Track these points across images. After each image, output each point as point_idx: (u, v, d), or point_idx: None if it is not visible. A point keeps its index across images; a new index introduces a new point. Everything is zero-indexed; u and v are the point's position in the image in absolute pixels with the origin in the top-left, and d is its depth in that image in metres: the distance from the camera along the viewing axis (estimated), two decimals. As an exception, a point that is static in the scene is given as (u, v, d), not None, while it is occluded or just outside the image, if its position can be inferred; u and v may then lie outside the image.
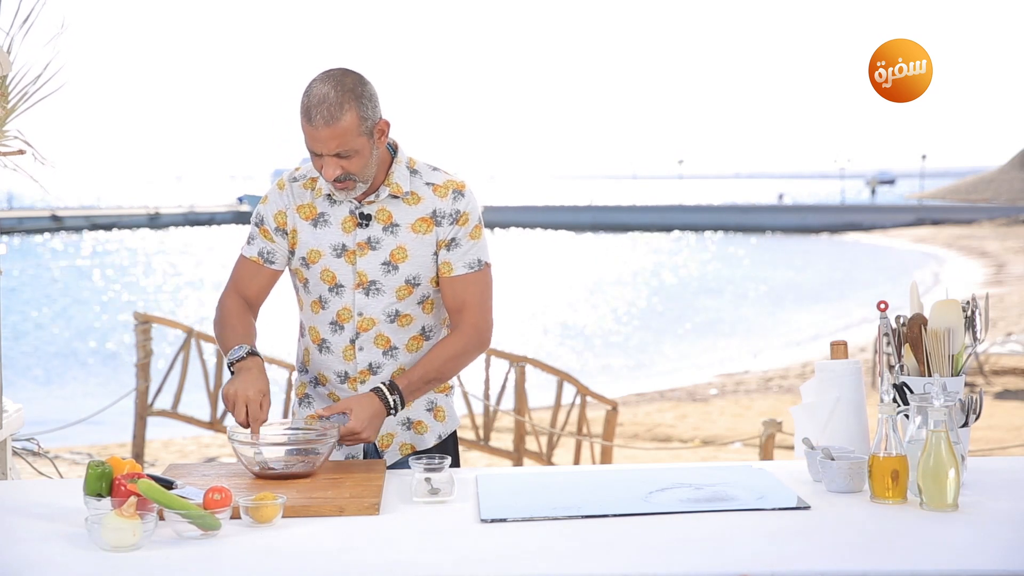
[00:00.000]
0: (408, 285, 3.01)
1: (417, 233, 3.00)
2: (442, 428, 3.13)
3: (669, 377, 18.63)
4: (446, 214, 3.00)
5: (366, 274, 3.00)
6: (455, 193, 3.01)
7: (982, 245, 41.36)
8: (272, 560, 2.24)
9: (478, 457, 10.68)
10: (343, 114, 2.81)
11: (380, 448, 3.08)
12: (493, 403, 9.38)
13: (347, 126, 2.82)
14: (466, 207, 3.01)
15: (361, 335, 3.02)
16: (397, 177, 3.00)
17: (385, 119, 2.92)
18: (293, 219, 3.05)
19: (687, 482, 2.74)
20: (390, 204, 3.00)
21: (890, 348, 2.85)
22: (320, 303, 3.05)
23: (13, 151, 3.27)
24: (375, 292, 3.00)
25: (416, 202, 3.01)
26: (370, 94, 2.87)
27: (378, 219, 3.00)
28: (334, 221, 3.02)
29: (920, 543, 2.30)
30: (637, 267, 39.61)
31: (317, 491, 2.65)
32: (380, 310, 3.01)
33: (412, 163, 3.05)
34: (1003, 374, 15.06)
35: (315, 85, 2.84)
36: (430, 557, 2.25)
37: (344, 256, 3.01)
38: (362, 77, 2.90)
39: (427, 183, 3.02)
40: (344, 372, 3.06)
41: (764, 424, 7.74)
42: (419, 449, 3.09)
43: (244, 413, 2.83)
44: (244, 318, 3.07)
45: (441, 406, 3.14)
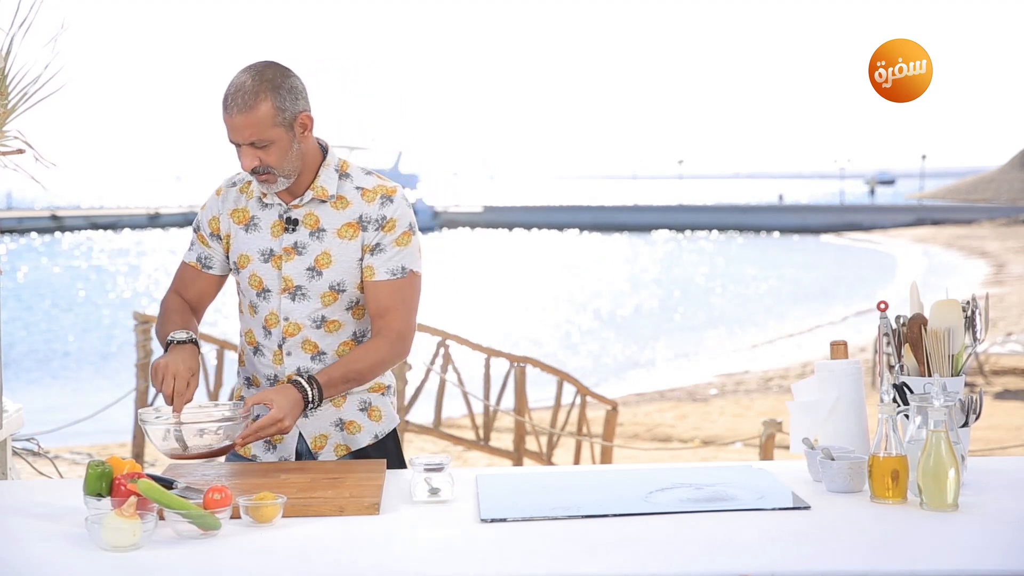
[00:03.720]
0: (333, 291, 2.98)
1: (343, 239, 2.97)
2: (378, 428, 3.10)
3: (669, 377, 18.63)
4: (372, 219, 2.97)
5: (291, 279, 2.99)
6: (383, 198, 2.98)
7: (982, 245, 41.36)
8: (272, 560, 2.24)
9: (478, 457, 10.68)
10: (258, 103, 2.81)
11: (314, 450, 3.06)
12: (493, 403, 9.38)
13: (262, 115, 2.82)
14: (394, 213, 2.98)
15: (288, 340, 3.01)
16: (323, 180, 2.98)
17: (308, 113, 2.91)
18: (227, 224, 3.07)
19: (687, 482, 2.74)
20: (318, 208, 2.98)
21: (890, 348, 2.85)
22: (252, 307, 3.06)
23: (13, 151, 3.27)
24: (300, 297, 2.99)
25: (344, 207, 2.98)
26: (291, 86, 2.87)
27: (305, 224, 2.98)
28: (264, 226, 3.02)
29: (920, 543, 2.30)
30: (637, 267, 39.61)
31: (317, 491, 2.65)
32: (305, 315, 3.00)
33: (344, 166, 3.03)
34: (1003, 374, 15.07)
35: (235, 76, 2.86)
36: (430, 557, 2.25)
37: (271, 261, 3.00)
38: (286, 70, 2.89)
39: (357, 187, 3.00)
40: (274, 376, 3.05)
41: (764, 424, 7.75)
42: (354, 449, 3.07)
43: (171, 387, 2.82)
44: (184, 314, 3.09)
45: (376, 406, 3.11)
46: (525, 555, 2.26)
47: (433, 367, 9.10)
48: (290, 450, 3.07)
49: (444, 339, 9.04)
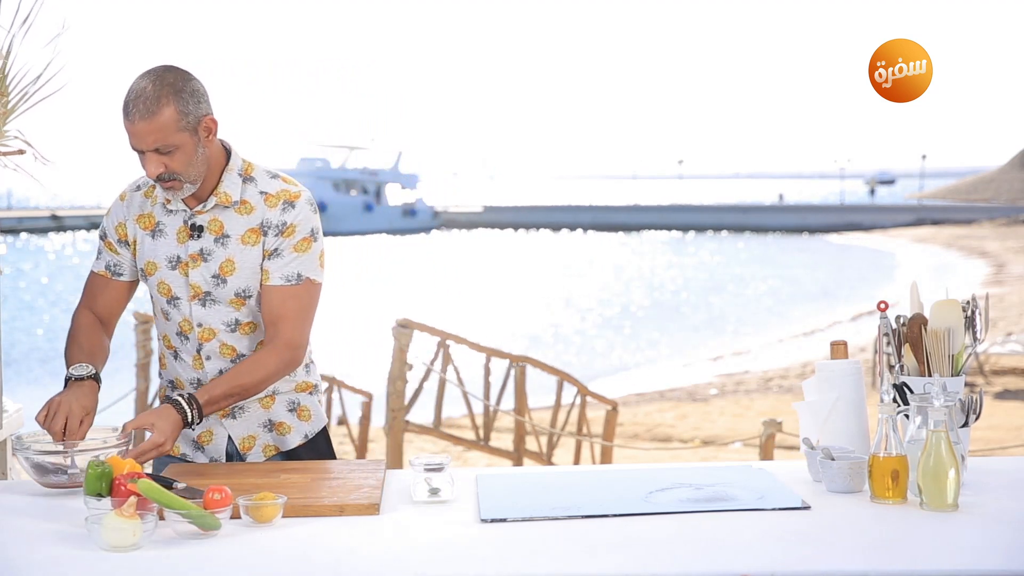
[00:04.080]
0: (239, 298, 2.95)
1: (246, 245, 2.92)
2: (308, 427, 3.10)
3: (669, 377, 18.63)
4: (272, 224, 2.92)
5: (199, 286, 2.95)
6: (285, 204, 2.92)
7: (982, 245, 41.37)
8: (272, 560, 2.24)
9: (478, 457, 10.68)
10: (160, 108, 2.75)
11: (242, 451, 3.05)
12: (493, 403, 9.38)
13: (165, 120, 2.75)
14: (294, 219, 2.91)
15: (204, 345, 2.99)
16: (226, 186, 2.92)
17: (212, 117, 2.84)
18: (133, 229, 3.02)
19: (687, 482, 2.74)
20: (222, 214, 2.93)
21: (890, 348, 2.85)
22: (164, 313, 3.03)
23: (13, 151, 3.27)
24: (211, 303, 2.95)
25: (248, 212, 2.93)
26: (192, 90, 2.80)
27: (210, 230, 2.93)
28: (169, 232, 2.96)
29: (920, 543, 2.30)
30: (637, 267, 39.61)
31: (317, 491, 2.65)
32: (219, 321, 2.96)
33: (249, 170, 2.97)
34: (1003, 374, 15.07)
35: (135, 81, 2.78)
36: (430, 557, 2.25)
37: (178, 268, 2.96)
38: (186, 73, 2.83)
39: (261, 192, 2.94)
40: (197, 379, 3.03)
41: (764, 424, 7.75)
42: (284, 450, 3.07)
43: (61, 425, 2.75)
44: (92, 336, 3.02)
45: (305, 405, 3.09)
46: (525, 555, 2.26)
47: (433, 367, 9.10)
48: (220, 451, 3.06)
49: (444, 339, 9.04)
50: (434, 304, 26.58)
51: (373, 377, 11.48)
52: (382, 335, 9.15)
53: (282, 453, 3.08)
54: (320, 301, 3.02)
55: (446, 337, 9.04)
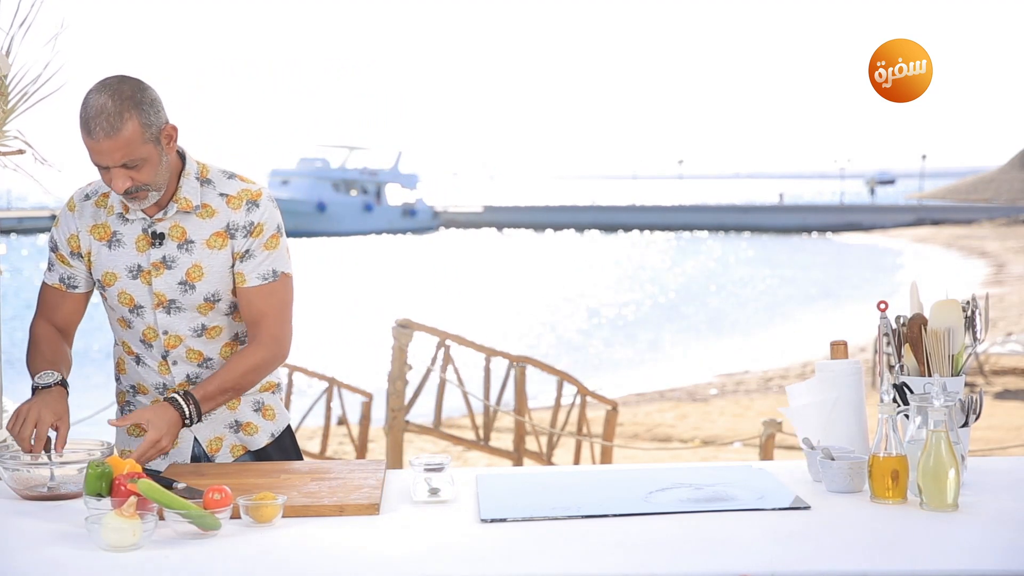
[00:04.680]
0: (208, 303, 2.93)
1: (212, 249, 2.90)
2: (273, 427, 3.10)
3: (669, 377, 18.63)
4: (240, 226, 2.90)
5: (164, 294, 2.92)
6: (249, 204, 2.91)
7: (982, 245, 41.38)
8: (272, 560, 2.24)
9: (478, 457, 10.68)
10: (124, 123, 2.69)
11: (210, 452, 3.05)
12: (493, 403, 9.37)
13: (130, 135, 2.70)
14: (260, 217, 2.90)
15: (171, 351, 2.97)
16: (185, 191, 2.88)
17: (172, 124, 2.81)
18: (87, 241, 2.96)
19: (687, 482, 2.74)
20: (183, 219, 2.90)
21: (890, 348, 2.85)
22: (125, 322, 2.99)
23: (13, 151, 3.27)
24: (176, 311, 2.93)
25: (210, 215, 2.90)
26: (151, 99, 2.76)
27: (172, 236, 2.90)
28: (128, 241, 2.92)
29: (920, 543, 2.30)
30: (637, 267, 39.61)
31: (317, 491, 2.65)
32: (185, 327, 2.95)
33: (204, 172, 2.93)
34: (1003, 374, 15.07)
35: (91, 96, 2.72)
36: (430, 557, 2.25)
37: (140, 277, 2.92)
38: (141, 83, 2.78)
39: (221, 194, 2.91)
40: (162, 384, 3.01)
41: (764, 424, 7.75)
42: (252, 449, 3.07)
43: (29, 431, 2.74)
44: (54, 345, 3.02)
45: (269, 405, 3.10)
46: (525, 555, 2.26)
47: (433, 367, 9.10)
48: (185, 454, 3.04)
49: (444, 339, 9.04)
50: (434, 304, 26.58)
51: (373, 377, 11.48)
52: (382, 335, 9.16)
53: (250, 453, 3.08)
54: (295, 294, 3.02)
55: (446, 337, 9.04)
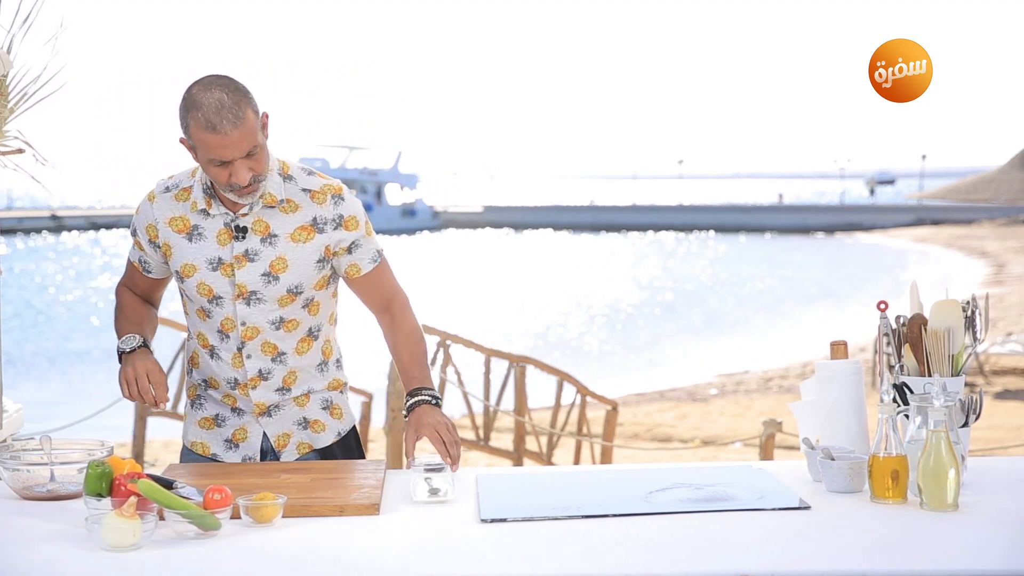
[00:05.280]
0: (290, 294, 2.98)
1: (297, 242, 2.96)
2: (340, 426, 3.14)
3: (669, 377, 18.63)
4: (328, 220, 2.97)
5: (245, 285, 2.96)
6: (334, 198, 2.99)
7: (982, 245, 41.38)
8: (272, 560, 2.24)
9: (478, 457, 10.68)
10: (244, 113, 2.79)
11: (277, 448, 3.08)
12: (493, 403, 9.37)
13: (250, 125, 2.80)
14: (349, 210, 2.99)
15: (247, 344, 3.01)
16: (270, 186, 2.94)
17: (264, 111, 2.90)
18: (165, 232, 3.02)
19: (687, 482, 2.74)
20: (266, 214, 2.95)
21: (890, 348, 2.85)
22: (204, 312, 3.03)
23: (13, 151, 3.27)
24: (256, 302, 2.97)
25: (294, 210, 2.96)
26: (247, 89, 2.85)
27: (255, 231, 2.95)
28: (209, 235, 2.97)
29: (920, 543, 2.30)
30: (637, 267, 39.61)
31: (317, 491, 2.65)
32: (263, 318, 2.99)
33: (285, 168, 3.00)
34: (1003, 374, 15.06)
35: (201, 96, 2.79)
36: (430, 557, 2.25)
37: (220, 269, 2.97)
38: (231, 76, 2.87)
39: (303, 189, 2.98)
40: (234, 379, 3.05)
41: (764, 424, 7.74)
42: (317, 448, 3.10)
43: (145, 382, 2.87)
44: (138, 310, 3.12)
45: (337, 404, 3.14)
46: (525, 555, 2.26)
47: (433, 367, 9.10)
48: (255, 449, 3.09)
49: (444, 339, 9.03)
50: (434, 304, 26.58)
51: (373, 377, 11.45)
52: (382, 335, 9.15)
53: (316, 451, 3.11)
54: None
55: (446, 337, 9.03)
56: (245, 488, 2.62)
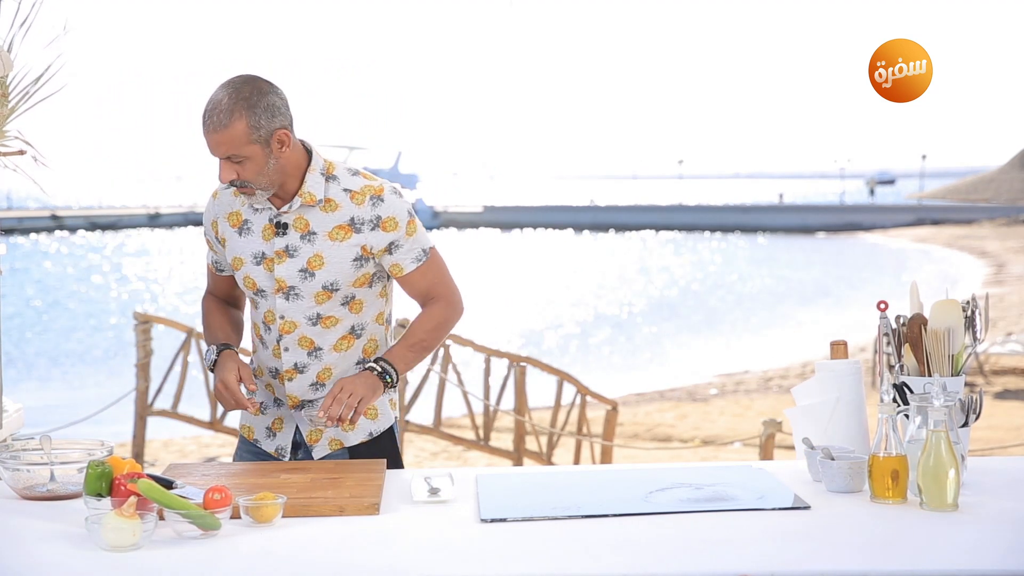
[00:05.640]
0: (326, 291, 3.04)
1: (334, 241, 3.02)
2: (373, 426, 3.16)
3: (669, 377, 18.62)
4: (365, 220, 3.02)
5: (284, 280, 3.05)
6: (373, 199, 3.03)
7: (982, 245, 41.38)
8: (272, 560, 2.24)
9: (478, 457, 10.67)
10: (232, 121, 2.86)
11: (309, 443, 3.14)
12: (493, 403, 9.37)
13: (236, 133, 2.86)
14: (387, 212, 3.03)
15: (284, 337, 3.08)
16: (310, 186, 3.01)
17: (287, 130, 2.94)
18: (223, 227, 3.14)
19: (687, 482, 2.74)
20: (307, 212, 3.03)
21: (890, 348, 2.86)
22: (254, 303, 3.16)
23: (13, 151, 3.27)
24: (295, 297, 3.05)
25: (333, 209, 3.03)
26: (268, 104, 2.90)
27: (295, 227, 3.03)
28: (255, 229, 3.08)
29: (920, 543, 2.30)
30: (637, 267, 39.61)
31: (317, 491, 2.66)
32: (300, 314, 3.06)
33: (330, 168, 3.06)
34: (1003, 374, 15.06)
35: (215, 91, 2.91)
36: (430, 557, 2.25)
37: (263, 264, 3.07)
38: (265, 86, 2.92)
39: (344, 189, 3.04)
40: (275, 368, 3.14)
41: (764, 424, 7.74)
42: (347, 445, 3.14)
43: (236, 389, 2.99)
44: (220, 315, 3.25)
45: (372, 405, 3.16)
46: (525, 555, 2.26)
47: (433, 367, 9.09)
48: (287, 440, 3.17)
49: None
50: (434, 304, 26.51)
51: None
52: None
53: (346, 449, 3.15)
54: None
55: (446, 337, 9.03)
56: (245, 488, 2.62)
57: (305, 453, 3.16)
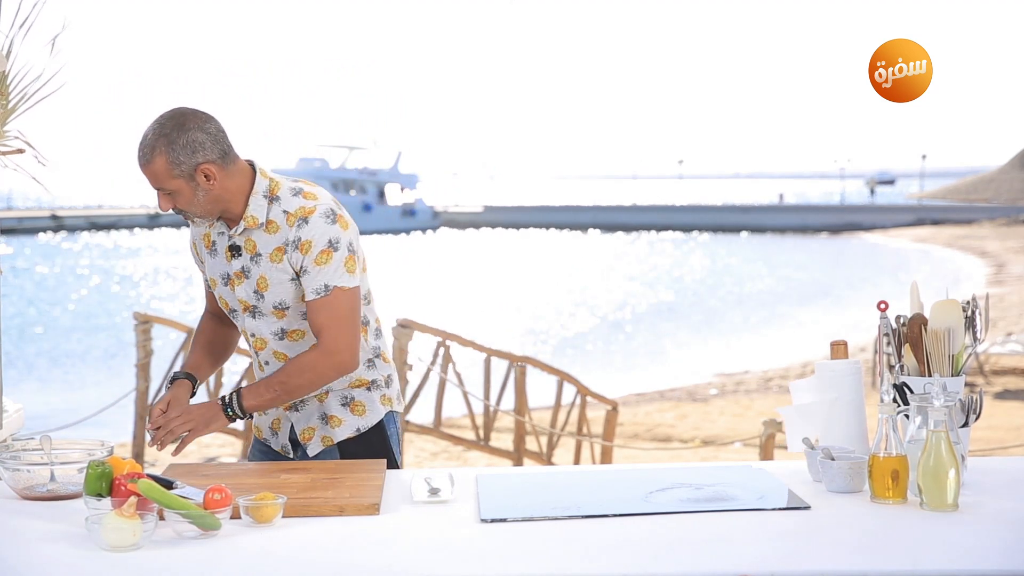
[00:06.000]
0: (277, 310, 3.09)
1: (274, 263, 3.05)
2: (361, 422, 3.18)
3: (669, 377, 18.62)
4: (290, 242, 3.02)
5: (246, 300, 3.12)
6: (300, 221, 3.01)
7: (982, 245, 41.38)
8: (272, 560, 2.24)
9: (478, 457, 10.67)
10: (154, 157, 2.91)
11: (302, 441, 3.20)
12: (493, 403, 9.37)
13: (157, 169, 2.91)
14: (308, 234, 3.00)
15: (259, 352, 3.18)
16: (252, 209, 3.03)
17: (211, 165, 2.92)
18: (201, 248, 3.22)
19: (687, 482, 2.74)
20: (253, 234, 3.06)
21: (890, 348, 2.85)
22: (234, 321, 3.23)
23: (13, 151, 3.27)
24: (259, 315, 3.12)
25: (275, 231, 3.04)
26: (188, 141, 2.90)
27: (246, 249, 3.08)
28: (220, 250, 3.14)
29: (920, 543, 2.30)
30: (637, 267, 39.61)
31: (317, 491, 2.66)
32: (267, 330, 3.13)
33: (275, 190, 3.05)
34: (1003, 374, 15.06)
35: (148, 125, 2.95)
36: (430, 557, 2.25)
37: (229, 284, 3.14)
38: (187, 122, 2.92)
39: (284, 211, 3.03)
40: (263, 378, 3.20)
41: (764, 424, 7.75)
42: (336, 441, 3.18)
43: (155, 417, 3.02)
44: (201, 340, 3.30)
45: (360, 401, 3.18)
46: (525, 555, 2.26)
47: (433, 367, 9.09)
48: (286, 438, 3.24)
49: (444, 339, 9.03)
50: (434, 304, 26.57)
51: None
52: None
53: (335, 445, 3.19)
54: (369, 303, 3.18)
55: (446, 337, 9.04)
56: (245, 488, 2.62)
57: (303, 452, 3.20)
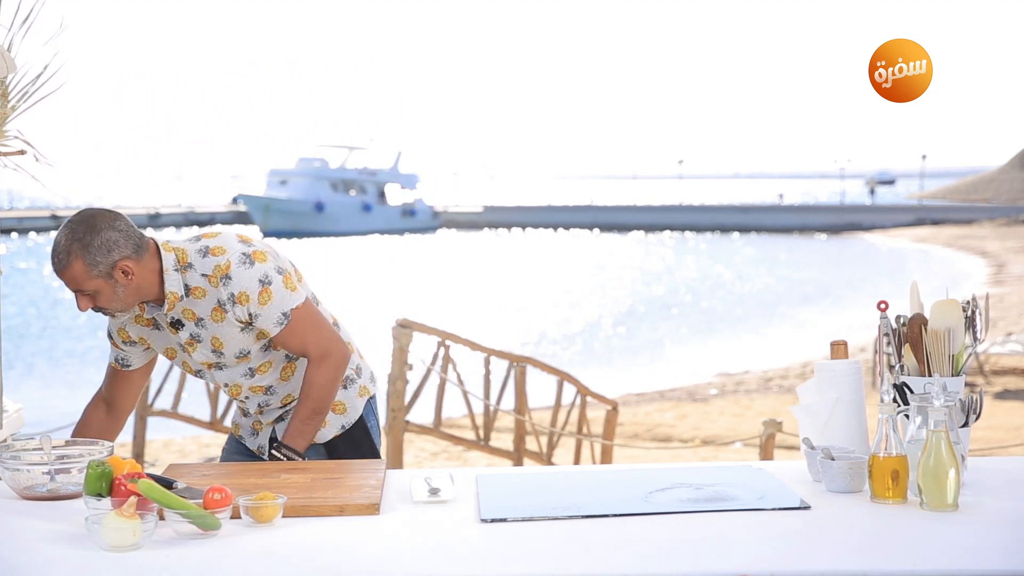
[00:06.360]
0: (240, 357, 3.17)
1: (218, 322, 3.11)
2: (344, 419, 3.28)
3: (669, 377, 18.61)
4: (225, 300, 3.07)
5: (207, 361, 3.19)
6: (222, 279, 3.07)
7: (982, 245, 41.38)
8: (272, 560, 2.24)
9: (478, 457, 10.67)
10: (70, 262, 2.93)
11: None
12: (493, 403, 9.37)
13: (75, 273, 2.94)
14: (238, 287, 3.06)
15: (237, 396, 3.29)
16: (170, 285, 3.07)
17: (126, 260, 2.96)
18: (136, 330, 3.22)
19: (687, 482, 2.74)
20: (187, 303, 3.10)
21: (890, 348, 2.85)
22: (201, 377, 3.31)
23: (13, 151, 3.27)
24: (224, 367, 3.21)
25: (202, 296, 3.09)
26: (103, 241, 2.94)
27: (186, 318, 3.13)
28: (163, 326, 3.19)
29: (920, 543, 2.30)
30: (637, 267, 39.60)
31: (317, 491, 2.66)
32: (237, 375, 3.23)
33: (183, 258, 3.09)
34: (1003, 374, 15.06)
35: (59, 231, 2.97)
36: (430, 557, 2.25)
37: (184, 352, 3.21)
38: (98, 224, 2.95)
39: (202, 275, 3.08)
40: (247, 409, 3.34)
41: (764, 424, 7.74)
42: (322, 442, 3.25)
43: None
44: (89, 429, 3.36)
45: (339, 401, 3.27)
46: (525, 555, 2.26)
47: (433, 367, 9.09)
48: (266, 439, 3.31)
49: (444, 339, 9.03)
50: (434, 304, 26.57)
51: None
52: (382, 335, 9.15)
53: (321, 444, 3.26)
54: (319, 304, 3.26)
55: (446, 337, 9.03)
56: (245, 488, 2.62)
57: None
